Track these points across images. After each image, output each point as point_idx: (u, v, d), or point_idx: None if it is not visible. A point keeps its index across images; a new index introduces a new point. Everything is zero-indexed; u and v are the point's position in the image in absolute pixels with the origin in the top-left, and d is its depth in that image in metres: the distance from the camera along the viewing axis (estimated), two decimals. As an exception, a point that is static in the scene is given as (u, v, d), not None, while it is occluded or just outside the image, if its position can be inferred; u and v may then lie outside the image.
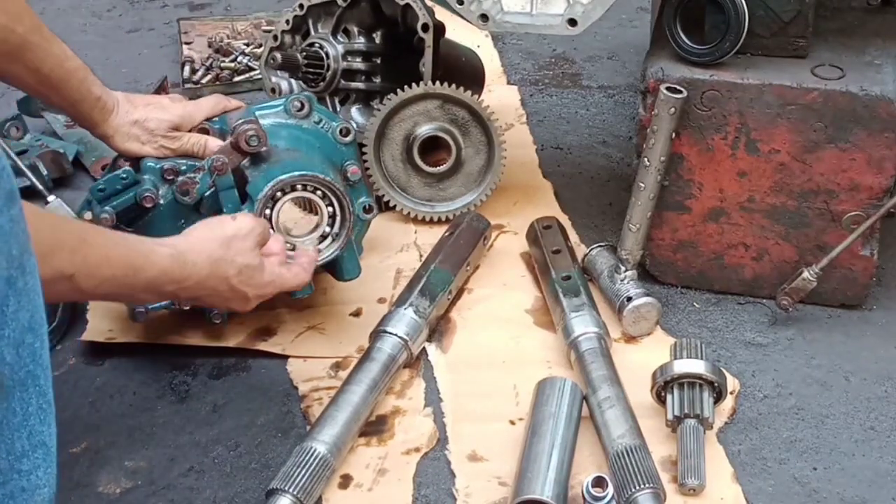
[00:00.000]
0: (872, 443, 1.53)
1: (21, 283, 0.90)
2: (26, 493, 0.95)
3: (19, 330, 0.91)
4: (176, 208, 1.60)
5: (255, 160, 1.61)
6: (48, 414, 0.97)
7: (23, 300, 0.91)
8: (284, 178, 1.57)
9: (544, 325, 1.75)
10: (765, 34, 1.65)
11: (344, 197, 1.61)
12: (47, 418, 0.97)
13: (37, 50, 1.50)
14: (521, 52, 2.65)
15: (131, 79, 2.53)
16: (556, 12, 1.69)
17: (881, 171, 1.62)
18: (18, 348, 0.91)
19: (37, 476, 0.96)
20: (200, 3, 3.02)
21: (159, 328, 1.72)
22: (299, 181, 1.58)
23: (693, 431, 1.45)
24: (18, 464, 0.94)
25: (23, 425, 0.94)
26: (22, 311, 0.91)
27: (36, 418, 0.95)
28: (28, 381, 0.93)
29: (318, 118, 1.74)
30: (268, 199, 1.57)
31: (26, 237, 0.92)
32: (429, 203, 2.00)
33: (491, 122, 1.93)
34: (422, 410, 1.59)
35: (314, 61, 2.00)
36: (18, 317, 0.90)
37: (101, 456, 1.52)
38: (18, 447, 0.94)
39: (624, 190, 1.82)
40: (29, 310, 0.92)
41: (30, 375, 0.93)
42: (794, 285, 1.69)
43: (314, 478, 1.39)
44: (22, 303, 0.91)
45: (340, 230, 1.63)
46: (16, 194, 0.90)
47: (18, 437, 0.93)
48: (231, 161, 1.58)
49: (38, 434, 0.96)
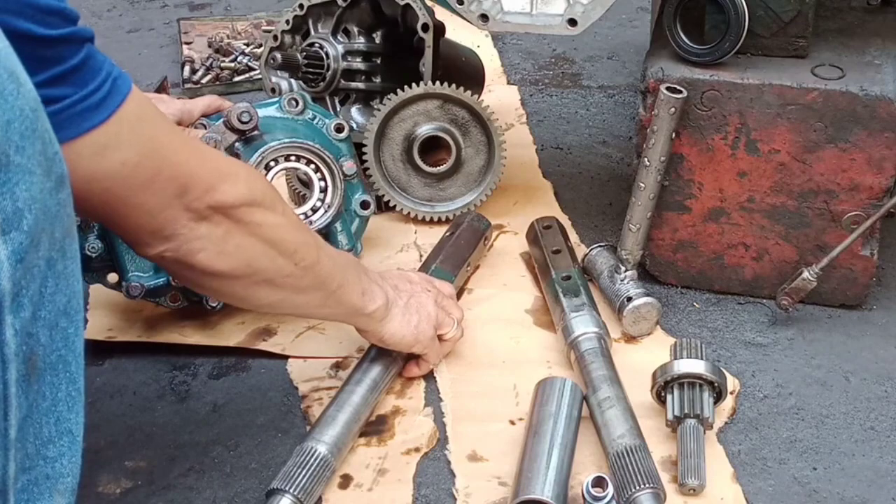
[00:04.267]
0: (872, 443, 1.53)
1: (61, 266, 0.91)
2: (50, 480, 0.95)
3: (55, 312, 0.91)
4: None
5: (247, 142, 1.63)
6: (77, 402, 0.97)
7: (61, 283, 0.91)
8: (274, 144, 1.59)
9: (544, 325, 1.75)
10: (765, 34, 1.65)
11: (333, 164, 1.62)
12: (76, 406, 0.97)
13: None
14: (521, 52, 2.65)
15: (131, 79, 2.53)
16: (556, 12, 1.69)
17: (881, 171, 1.62)
18: (52, 331, 0.91)
19: (61, 464, 0.96)
20: (200, 3, 3.03)
21: (159, 327, 1.72)
22: (289, 149, 1.59)
23: (693, 431, 1.45)
24: (45, 450, 0.94)
25: (51, 410, 0.94)
26: (59, 294, 0.91)
27: (64, 405, 0.95)
28: (59, 366, 0.93)
29: (311, 115, 1.76)
30: (259, 169, 1.58)
31: (71, 221, 0.93)
32: (429, 203, 2.00)
33: (491, 122, 1.93)
34: (422, 410, 1.59)
35: (314, 61, 2.00)
36: (55, 299, 0.91)
37: (101, 456, 1.52)
38: (45, 433, 0.94)
39: (624, 190, 1.82)
40: (66, 294, 0.92)
41: (61, 360, 0.93)
42: (794, 285, 1.69)
43: (314, 478, 1.39)
44: (60, 286, 0.91)
45: (332, 200, 1.64)
46: (66, 179, 0.90)
47: (46, 422, 0.94)
48: (224, 140, 1.59)
49: (66, 421, 0.96)
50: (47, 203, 0.87)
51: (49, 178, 0.87)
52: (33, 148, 0.85)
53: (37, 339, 0.89)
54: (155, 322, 1.72)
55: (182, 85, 2.52)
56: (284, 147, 1.60)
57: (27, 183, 0.85)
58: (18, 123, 0.84)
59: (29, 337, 0.88)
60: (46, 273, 0.89)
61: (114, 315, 1.75)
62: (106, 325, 1.74)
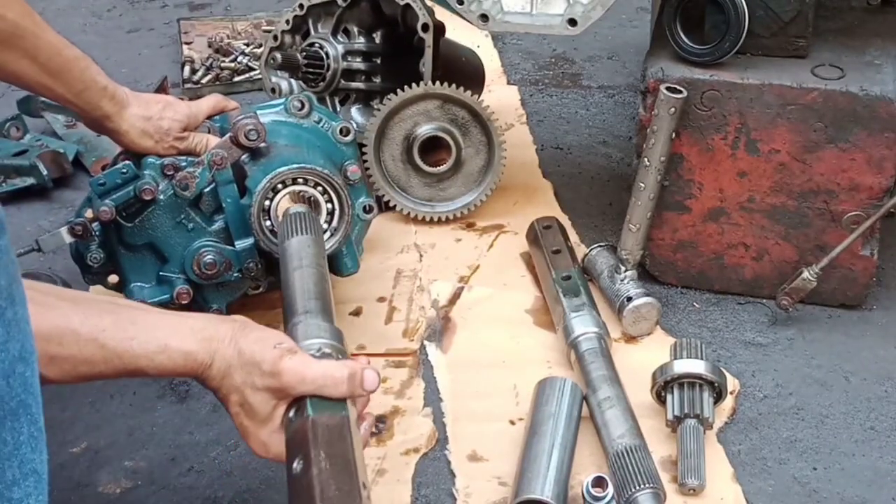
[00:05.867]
0: (872, 443, 1.53)
1: (10, 314, 0.89)
2: None
3: (10, 361, 0.89)
4: (175, 203, 1.60)
5: (254, 155, 1.62)
6: (39, 441, 0.95)
7: (12, 331, 0.89)
8: (283, 170, 1.57)
9: (544, 325, 1.75)
10: (765, 34, 1.65)
11: (342, 191, 1.61)
12: (39, 446, 0.95)
13: (29, 36, 1.48)
14: (521, 52, 2.65)
15: (131, 79, 2.53)
16: (556, 12, 1.69)
17: (881, 171, 1.62)
18: (9, 378, 0.90)
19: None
20: (200, 3, 3.02)
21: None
22: (298, 174, 1.58)
23: (693, 431, 1.45)
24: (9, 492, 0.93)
25: (14, 454, 0.93)
26: (12, 342, 0.89)
27: (27, 447, 0.94)
28: (20, 411, 0.92)
29: (318, 118, 1.74)
30: (267, 192, 1.57)
31: (15, 267, 0.90)
32: (429, 203, 2.00)
33: (491, 122, 1.93)
34: (421, 411, 1.59)
35: (314, 61, 2.00)
36: (8, 347, 0.89)
37: (101, 456, 1.52)
38: (9, 476, 0.93)
39: (624, 190, 1.82)
40: (19, 340, 0.90)
41: (21, 405, 0.92)
42: (794, 285, 1.69)
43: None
44: (12, 333, 0.89)
45: (339, 225, 1.63)
46: (3, 224, 0.87)
47: (9, 465, 0.92)
48: (230, 156, 1.59)
49: (30, 462, 0.94)
50: None
51: None
52: None
53: None
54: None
55: (182, 85, 2.52)
56: (293, 172, 1.58)
57: None
58: None
59: None
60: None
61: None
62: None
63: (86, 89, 1.58)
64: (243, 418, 1.19)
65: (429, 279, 1.86)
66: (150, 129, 1.64)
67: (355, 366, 1.16)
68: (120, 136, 1.65)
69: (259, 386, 1.16)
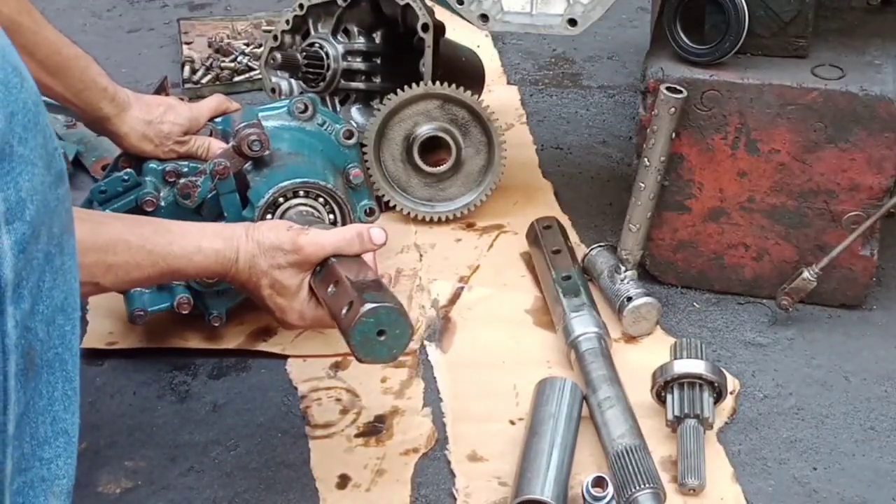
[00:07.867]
0: (872, 443, 1.53)
1: (59, 262, 0.91)
2: (46, 483, 0.94)
3: (52, 308, 0.91)
4: (177, 210, 1.60)
5: (257, 164, 1.61)
6: (73, 402, 0.96)
7: (58, 279, 0.91)
8: (286, 184, 1.57)
9: (544, 325, 1.75)
10: (765, 34, 1.65)
11: (345, 204, 1.61)
12: (72, 406, 0.96)
13: (27, 32, 1.48)
14: (521, 52, 2.65)
15: (131, 79, 2.53)
16: (556, 12, 1.69)
17: (881, 171, 1.62)
18: (49, 327, 0.91)
19: (57, 466, 0.95)
20: (200, 3, 3.02)
21: (160, 331, 1.72)
22: (301, 188, 1.58)
23: (693, 431, 1.45)
24: (41, 451, 0.93)
25: (47, 410, 0.93)
26: (56, 290, 0.91)
27: (61, 404, 0.94)
28: (56, 364, 0.93)
29: (321, 120, 1.74)
30: (269, 206, 1.57)
31: (69, 218, 0.93)
32: (429, 203, 2.00)
33: (491, 122, 1.93)
34: (420, 411, 1.59)
35: (314, 61, 2.00)
36: (53, 295, 0.90)
37: (101, 456, 1.52)
38: (42, 433, 0.93)
39: (624, 190, 1.82)
40: (63, 291, 0.92)
41: (58, 358, 0.93)
42: (794, 285, 1.68)
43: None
44: (57, 281, 0.91)
45: None
46: (65, 175, 0.91)
47: (42, 421, 0.93)
48: (233, 165, 1.58)
49: (62, 421, 0.95)
50: (47, 197, 0.87)
51: (49, 173, 0.88)
52: (35, 141, 0.85)
53: (35, 333, 0.89)
54: (155, 326, 1.71)
55: (182, 85, 2.51)
56: (295, 186, 1.58)
57: (29, 174, 0.85)
58: (22, 115, 0.84)
59: (27, 331, 0.88)
60: (45, 268, 0.89)
61: (114, 320, 1.74)
62: (107, 328, 1.74)
63: (85, 89, 1.57)
64: (276, 298, 1.35)
65: (429, 279, 1.86)
66: (151, 132, 1.64)
67: (362, 227, 1.37)
68: (120, 138, 1.65)
69: (284, 264, 1.33)
